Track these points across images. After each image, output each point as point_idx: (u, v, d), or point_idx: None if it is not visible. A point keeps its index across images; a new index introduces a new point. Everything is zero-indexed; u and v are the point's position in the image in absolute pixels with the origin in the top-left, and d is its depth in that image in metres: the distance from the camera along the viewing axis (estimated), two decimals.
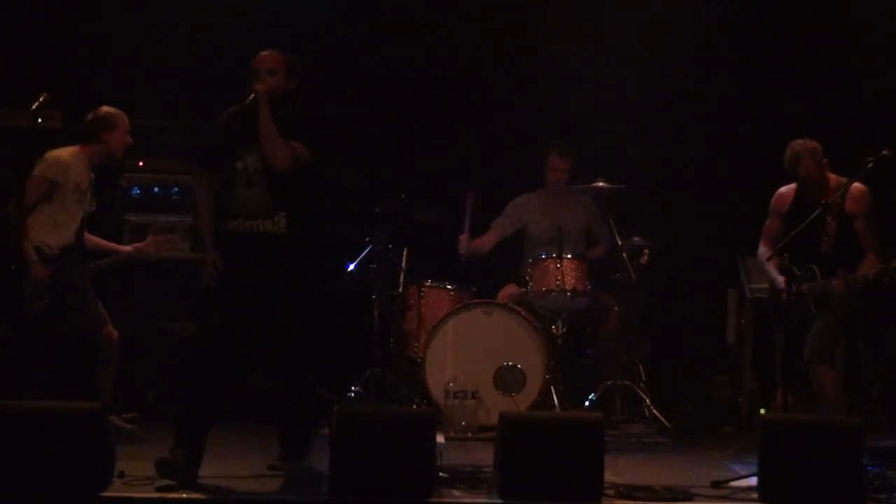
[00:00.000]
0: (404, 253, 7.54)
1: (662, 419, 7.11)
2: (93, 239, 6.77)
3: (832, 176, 6.46)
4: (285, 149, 5.48)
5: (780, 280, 6.26)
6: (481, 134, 8.35)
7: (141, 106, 7.76)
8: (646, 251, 7.45)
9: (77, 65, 7.82)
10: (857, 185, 6.29)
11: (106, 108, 6.59)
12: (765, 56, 8.40)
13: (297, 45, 7.57)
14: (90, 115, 6.59)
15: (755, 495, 5.34)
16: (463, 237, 7.69)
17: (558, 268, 7.25)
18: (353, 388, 7.25)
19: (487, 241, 7.91)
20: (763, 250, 6.67)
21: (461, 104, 8.37)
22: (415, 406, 7.11)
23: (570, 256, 7.34)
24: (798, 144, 6.44)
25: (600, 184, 7.45)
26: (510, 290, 7.65)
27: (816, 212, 6.14)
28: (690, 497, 5.43)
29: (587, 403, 7.18)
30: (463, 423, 6.98)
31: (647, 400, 7.22)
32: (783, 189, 6.65)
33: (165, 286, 7.22)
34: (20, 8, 7.83)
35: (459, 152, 8.29)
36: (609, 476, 5.38)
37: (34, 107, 5.92)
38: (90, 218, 6.68)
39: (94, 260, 6.71)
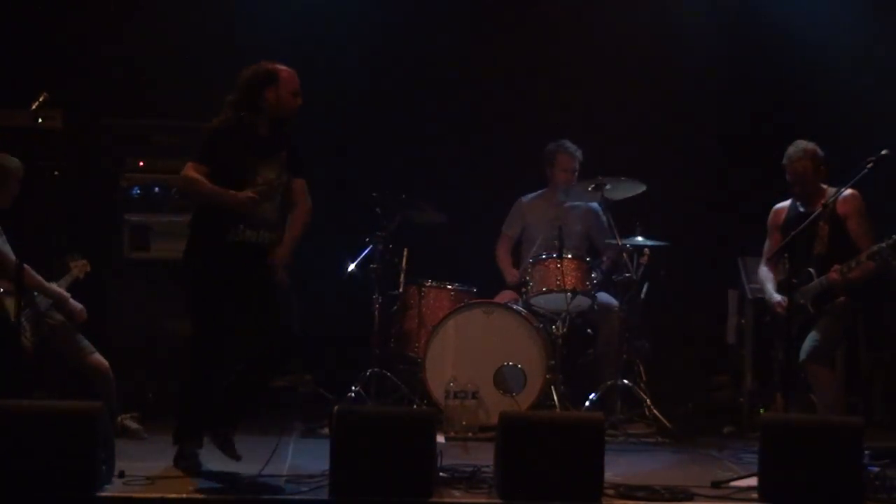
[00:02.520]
0: (404, 253, 7.53)
1: (662, 419, 7.10)
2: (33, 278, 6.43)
3: (826, 187, 6.51)
4: (310, 216, 5.89)
5: (776, 298, 6.47)
6: (481, 132, 8.36)
7: (141, 106, 7.78)
8: (646, 251, 7.44)
9: (77, 65, 7.81)
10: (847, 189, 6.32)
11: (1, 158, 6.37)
12: (766, 55, 8.40)
13: (295, 44, 7.62)
14: None
15: (755, 495, 5.36)
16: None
17: (558, 268, 7.24)
18: (353, 388, 7.23)
19: (504, 254, 7.90)
20: (765, 270, 6.73)
21: (462, 103, 8.37)
22: (415, 406, 7.11)
23: (570, 256, 7.34)
24: (802, 142, 6.59)
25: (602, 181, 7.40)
26: (506, 296, 7.62)
27: (815, 213, 6.22)
28: (690, 497, 5.44)
29: (587, 403, 7.17)
30: (463, 423, 6.98)
31: (647, 400, 7.20)
32: (778, 205, 6.77)
33: (166, 286, 7.18)
34: (21, 7, 7.82)
35: (461, 152, 8.30)
36: (609, 476, 5.39)
37: (34, 107, 5.89)
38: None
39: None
